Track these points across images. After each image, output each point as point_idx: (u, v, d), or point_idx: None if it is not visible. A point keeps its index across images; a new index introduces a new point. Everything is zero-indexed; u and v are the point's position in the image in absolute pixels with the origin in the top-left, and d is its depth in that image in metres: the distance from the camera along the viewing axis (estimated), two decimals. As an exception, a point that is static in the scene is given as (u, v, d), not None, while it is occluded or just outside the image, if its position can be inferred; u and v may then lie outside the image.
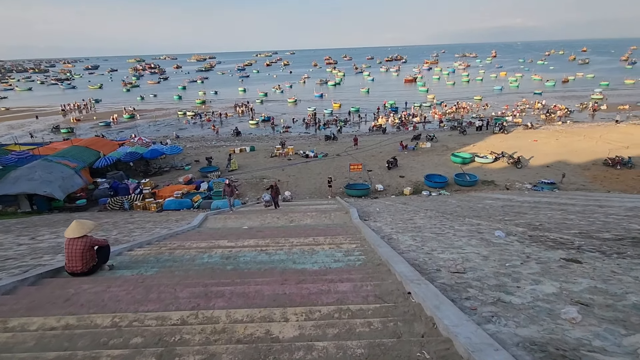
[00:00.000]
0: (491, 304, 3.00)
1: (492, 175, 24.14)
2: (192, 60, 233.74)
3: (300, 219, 10.13)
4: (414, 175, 24.71)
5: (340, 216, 10.24)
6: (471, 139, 34.31)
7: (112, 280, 4.00)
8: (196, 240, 6.76)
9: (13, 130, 50.69)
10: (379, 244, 5.15)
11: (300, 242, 6.18)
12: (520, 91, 67.06)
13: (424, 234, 6.88)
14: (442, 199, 16.70)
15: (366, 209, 12.86)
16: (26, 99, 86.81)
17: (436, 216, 9.93)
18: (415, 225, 8.31)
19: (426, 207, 12.99)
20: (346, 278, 3.68)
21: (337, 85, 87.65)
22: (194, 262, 4.88)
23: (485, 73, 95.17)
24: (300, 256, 5.00)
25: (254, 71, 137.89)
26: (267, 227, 9.06)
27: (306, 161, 28.77)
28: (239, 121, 50.14)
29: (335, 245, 5.65)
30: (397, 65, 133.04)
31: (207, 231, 8.43)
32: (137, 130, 43.83)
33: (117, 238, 7.87)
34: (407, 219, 9.56)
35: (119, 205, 19.87)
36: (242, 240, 6.59)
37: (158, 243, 6.56)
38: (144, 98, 77.54)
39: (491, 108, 51.92)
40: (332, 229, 7.71)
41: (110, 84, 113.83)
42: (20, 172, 20.55)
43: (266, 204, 14.38)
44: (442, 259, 4.64)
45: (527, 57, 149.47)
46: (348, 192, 21.53)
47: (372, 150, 31.38)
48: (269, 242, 6.23)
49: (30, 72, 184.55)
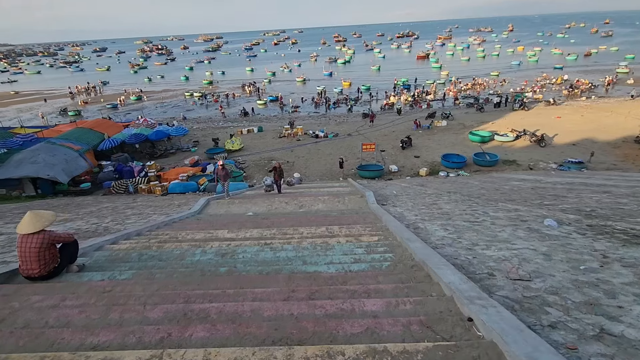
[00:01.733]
0: (594, 338, 2.04)
1: (513, 154, 22.74)
2: (200, 41, 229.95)
3: (311, 204, 9.21)
4: (429, 155, 23.46)
5: (356, 200, 9.27)
6: (489, 116, 32.57)
7: (73, 288, 3.15)
8: (192, 230, 5.91)
9: (22, 113, 50.51)
10: (409, 238, 4.18)
11: (312, 232, 5.26)
12: (540, 66, 63.83)
13: (455, 222, 5.89)
14: (462, 180, 15.56)
15: (382, 192, 11.87)
16: (35, 82, 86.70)
17: (462, 200, 8.89)
18: (442, 211, 7.31)
19: (447, 190, 11.93)
20: (374, 290, 2.74)
21: (347, 63, 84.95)
22: (183, 260, 4.01)
23: (502, 48, 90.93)
24: (311, 253, 4.08)
25: (261, 50, 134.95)
26: (274, 213, 8.17)
27: (316, 141, 27.68)
28: (247, 101, 48.94)
29: (354, 237, 4.71)
30: (408, 42, 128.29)
31: (207, 218, 7.59)
32: (143, 112, 43.04)
33: (107, 227, 7.09)
34: (431, 204, 8.55)
35: (123, 189, 19.28)
36: (244, 230, 5.71)
37: (149, 234, 5.73)
38: (151, 79, 76.58)
39: (509, 84, 49.56)
40: (347, 217, 6.76)
41: (117, 66, 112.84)
42: (23, 155, 20.03)
43: (267, 188, 12.80)
44: (490, 258, 3.67)
45: (545, 30, 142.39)
46: (360, 173, 20.50)
47: (384, 130, 30.04)
48: (275, 233, 5.34)
49: (39, 56, 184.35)
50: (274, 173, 12.66)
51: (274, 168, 12.68)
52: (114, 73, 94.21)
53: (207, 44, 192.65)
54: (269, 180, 12.91)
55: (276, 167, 12.62)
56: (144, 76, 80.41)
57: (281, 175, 12.69)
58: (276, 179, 12.53)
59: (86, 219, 8.66)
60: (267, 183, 12.86)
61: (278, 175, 12.49)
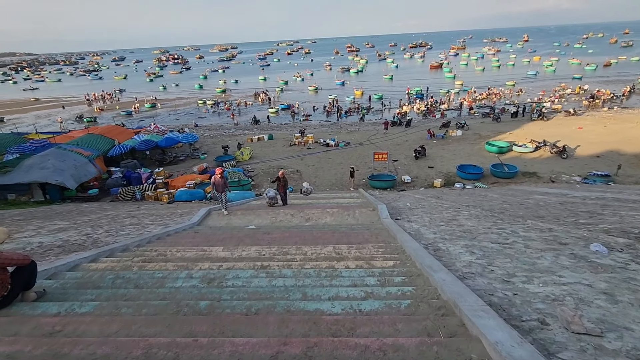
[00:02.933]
0: None
1: (533, 166, 21.68)
2: (215, 51, 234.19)
3: (318, 217, 8.53)
4: (444, 165, 22.59)
5: (367, 214, 8.56)
6: (506, 126, 31.54)
7: (16, 325, 2.56)
8: (185, 247, 5.31)
9: (40, 119, 51.56)
10: (431, 265, 3.48)
11: (317, 253, 4.59)
12: (557, 76, 62.29)
13: (482, 244, 5.14)
14: (480, 193, 14.68)
15: (394, 204, 11.15)
16: (55, 90, 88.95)
17: (485, 215, 8.10)
18: (463, 228, 6.55)
19: (466, 203, 11.12)
20: (391, 347, 2.06)
21: (360, 72, 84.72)
22: (162, 287, 3.39)
23: (517, 58, 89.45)
24: (314, 281, 3.41)
25: (274, 60, 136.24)
26: (277, 227, 7.53)
27: (326, 150, 27.10)
28: (259, 109, 48.88)
29: (365, 261, 4.02)
30: (421, 52, 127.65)
31: (205, 231, 6.99)
32: (155, 119, 43.35)
33: (97, 239, 6.56)
34: (450, 219, 7.79)
35: (130, 196, 18.98)
36: (241, 247, 5.07)
37: (136, 250, 5.15)
38: (166, 87, 77.69)
39: (526, 94, 48.37)
40: (358, 233, 6.07)
41: (135, 74, 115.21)
42: (33, 160, 20.00)
43: (270, 201, 11.31)
44: (536, 296, 2.94)
45: (562, 40, 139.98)
46: (372, 183, 19.77)
47: (397, 139, 29.29)
48: (274, 253, 4.68)
49: (61, 65, 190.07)
50: (277, 184, 11.76)
51: (277, 178, 11.79)
52: (131, 81, 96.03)
53: (222, 53, 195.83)
54: (271, 192, 11.60)
55: (279, 177, 11.74)
56: (160, 84, 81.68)
57: (286, 186, 11.72)
58: (280, 189, 11.64)
59: (81, 228, 8.19)
60: (270, 195, 11.46)
61: (282, 186, 11.57)
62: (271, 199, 11.47)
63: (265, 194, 11.58)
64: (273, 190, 11.75)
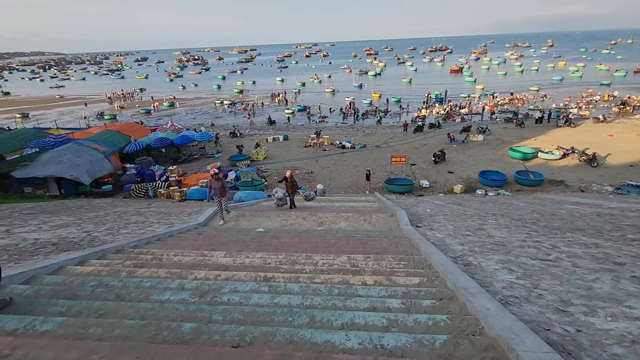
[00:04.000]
0: None
1: (560, 173, 20.51)
2: (234, 53, 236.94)
3: (332, 221, 7.95)
4: (465, 171, 21.64)
5: (385, 220, 7.92)
6: (530, 132, 30.20)
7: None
8: (184, 249, 4.83)
9: (63, 116, 52.87)
10: (467, 287, 2.86)
11: (329, 263, 4.02)
12: (584, 82, 59.92)
13: (520, 260, 4.46)
14: (505, 201, 13.79)
15: (413, 210, 10.46)
16: (79, 88, 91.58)
17: (516, 226, 7.35)
18: (494, 240, 5.86)
19: (491, 211, 10.34)
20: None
21: (378, 75, 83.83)
22: (145, 302, 2.89)
23: (541, 63, 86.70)
24: (324, 302, 2.84)
25: (292, 62, 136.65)
26: (287, 230, 6.99)
27: (342, 152, 26.50)
28: (275, 110, 48.73)
29: (385, 276, 3.43)
30: (441, 56, 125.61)
31: (209, 233, 6.52)
32: (172, 117, 43.71)
33: (96, 237, 6.17)
34: (476, 228, 7.09)
35: (143, 193, 18.84)
36: (245, 253, 4.55)
37: (131, 251, 4.70)
38: (185, 87, 78.73)
39: (551, 99, 46.56)
40: (375, 241, 5.46)
41: (156, 74, 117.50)
42: (50, 155, 20.14)
43: (278, 202, 10.68)
44: (609, 335, 2.29)
45: (589, 46, 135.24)
46: (388, 187, 19.05)
47: (415, 142, 28.44)
48: (281, 261, 4.13)
49: (86, 64, 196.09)
50: (285, 184, 10.81)
51: (284, 178, 10.82)
52: (152, 81, 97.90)
53: (241, 55, 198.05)
54: (279, 193, 10.88)
55: (287, 177, 10.73)
56: (179, 84, 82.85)
57: (294, 187, 10.70)
58: (288, 191, 10.72)
59: (84, 225, 7.86)
60: (278, 196, 10.77)
61: (290, 187, 10.62)
62: (279, 200, 10.76)
63: (273, 194, 10.87)
64: (282, 191, 11.01)
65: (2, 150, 23.35)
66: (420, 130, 32.28)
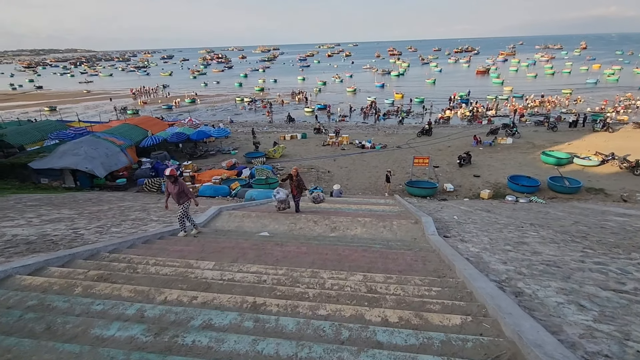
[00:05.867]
0: None
1: (599, 181, 18.81)
2: (257, 52, 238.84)
3: (347, 226, 7.04)
4: (492, 175, 20.23)
5: (407, 227, 6.94)
6: (563, 136, 28.26)
7: None
8: (168, 257, 4.05)
9: (88, 110, 54.10)
10: (540, 341, 1.92)
11: (339, 286, 3.14)
12: (621, 85, 56.36)
13: (587, 290, 3.43)
14: (540, 209, 12.48)
15: (438, 216, 9.42)
16: (107, 83, 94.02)
17: (564, 240, 6.23)
18: (542, 258, 4.81)
19: (527, 220, 9.16)
20: None
21: (401, 75, 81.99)
22: (78, 337, 2.09)
23: (574, 65, 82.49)
24: (327, 354, 1.96)
25: (314, 61, 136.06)
26: (295, 236, 6.14)
27: (362, 152, 25.48)
28: (294, 108, 48.14)
29: (413, 312, 2.51)
30: (467, 57, 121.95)
31: (206, 236, 5.75)
32: (195, 113, 43.84)
33: (81, 235, 5.50)
34: (516, 242, 6.03)
35: (156, 187, 18.47)
36: (239, 265, 3.72)
37: (105, 257, 3.96)
38: (207, 84, 79.47)
39: (585, 103, 43.91)
40: (397, 255, 4.52)
41: (180, 71, 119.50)
42: (67, 146, 20.12)
43: (279, 205, 9.00)
44: None
45: (625, 49, 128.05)
46: (409, 190, 17.93)
47: (439, 144, 27.08)
48: (279, 279, 3.28)
49: (115, 61, 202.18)
50: (290, 183, 9.15)
51: (288, 176, 9.18)
52: (176, 78, 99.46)
53: (264, 54, 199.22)
54: (281, 194, 9.05)
55: (292, 175, 9.07)
56: (202, 81, 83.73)
57: (300, 187, 9.03)
58: (293, 191, 9.09)
59: (79, 220, 7.27)
60: (280, 197, 8.95)
61: (295, 187, 9.01)
62: (281, 203, 9.03)
63: (274, 195, 9.08)
64: (284, 191, 9.24)
65: (24, 142, 23.64)
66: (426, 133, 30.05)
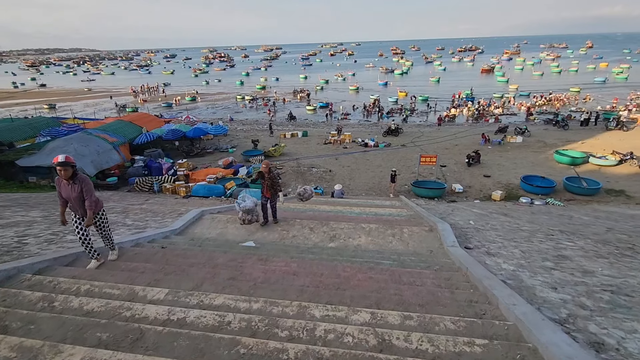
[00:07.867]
0: None
1: (618, 182, 17.67)
2: (260, 51, 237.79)
3: (348, 234, 5.98)
4: (503, 175, 19.13)
5: (420, 236, 5.86)
6: (576, 135, 27.10)
7: None
8: (112, 279, 3.03)
9: (88, 107, 53.28)
10: None
11: (336, 334, 2.12)
12: (630, 83, 54.95)
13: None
14: (561, 213, 11.37)
15: (450, 220, 8.37)
16: (108, 82, 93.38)
17: (609, 252, 5.17)
18: (598, 280, 3.76)
19: (553, 226, 8.09)
20: None
21: (404, 74, 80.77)
22: None
23: (581, 64, 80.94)
24: None
25: (317, 60, 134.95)
26: (284, 248, 5.10)
27: (364, 150, 24.43)
28: (296, 107, 47.13)
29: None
30: (471, 56, 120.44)
31: (176, 247, 4.72)
32: (193, 111, 42.90)
33: (24, 244, 4.49)
34: (554, 254, 4.98)
35: (148, 187, 17.52)
36: (200, 294, 2.71)
37: (25, 280, 2.94)
38: (208, 83, 78.66)
39: (595, 101, 42.69)
40: (414, 276, 3.48)
41: (182, 70, 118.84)
42: (56, 143, 19.23)
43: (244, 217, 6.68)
44: None
45: (633, 48, 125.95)
46: (416, 190, 16.87)
47: (445, 142, 25.98)
48: (250, 321, 2.26)
49: (118, 60, 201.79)
50: (262, 182, 6.81)
51: (259, 174, 6.81)
52: (177, 76, 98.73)
53: (266, 53, 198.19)
54: (248, 202, 6.70)
55: (264, 172, 6.71)
56: (203, 80, 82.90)
57: (275, 187, 6.76)
58: (267, 193, 6.76)
59: (39, 224, 6.28)
60: (246, 206, 6.62)
61: (268, 188, 6.71)
62: (247, 214, 6.66)
63: (237, 203, 6.68)
64: (251, 199, 6.84)
65: (14, 138, 22.74)
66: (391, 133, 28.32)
